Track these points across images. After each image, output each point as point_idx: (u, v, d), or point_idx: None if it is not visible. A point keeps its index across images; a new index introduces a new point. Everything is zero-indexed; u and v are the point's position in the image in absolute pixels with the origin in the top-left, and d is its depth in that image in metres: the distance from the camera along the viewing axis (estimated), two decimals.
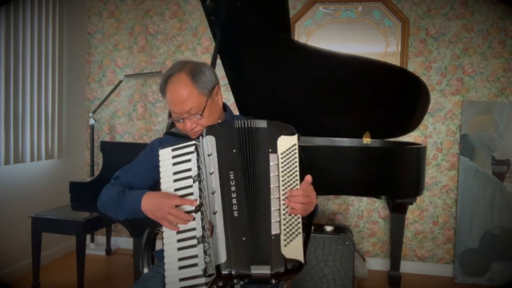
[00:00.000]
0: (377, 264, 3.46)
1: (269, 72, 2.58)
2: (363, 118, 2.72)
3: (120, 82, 3.60)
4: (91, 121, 3.55)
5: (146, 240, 1.48)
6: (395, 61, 3.36)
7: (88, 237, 3.60)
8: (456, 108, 3.34)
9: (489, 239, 3.24)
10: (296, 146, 1.32)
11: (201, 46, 3.67)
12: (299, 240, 1.25)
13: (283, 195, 1.27)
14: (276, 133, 1.31)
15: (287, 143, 1.31)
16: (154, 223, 1.48)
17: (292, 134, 1.33)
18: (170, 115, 1.50)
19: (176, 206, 1.31)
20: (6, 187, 2.98)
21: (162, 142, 1.54)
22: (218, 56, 2.45)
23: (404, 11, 3.35)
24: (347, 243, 2.60)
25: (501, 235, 3.23)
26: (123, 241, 3.79)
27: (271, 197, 1.26)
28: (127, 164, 1.59)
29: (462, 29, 3.30)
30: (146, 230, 1.51)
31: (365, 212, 3.50)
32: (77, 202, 2.40)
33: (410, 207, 3.18)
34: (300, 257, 1.23)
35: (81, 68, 3.82)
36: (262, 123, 1.33)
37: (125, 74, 3.71)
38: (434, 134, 3.38)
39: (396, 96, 2.58)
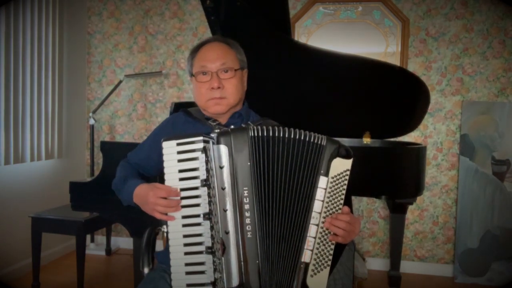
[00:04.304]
0: (377, 264, 3.46)
1: (268, 72, 2.57)
2: (363, 118, 2.72)
3: (120, 82, 3.60)
4: (91, 121, 3.55)
5: (146, 240, 1.47)
6: (395, 61, 3.36)
7: (88, 237, 3.60)
8: (456, 108, 3.34)
9: (489, 239, 3.24)
10: (349, 172, 1.20)
11: None
12: (326, 272, 1.20)
13: (323, 222, 1.19)
14: (333, 153, 1.19)
15: (341, 166, 1.19)
16: (154, 223, 1.48)
17: (348, 157, 1.20)
18: (191, 76, 1.44)
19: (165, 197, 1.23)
20: (6, 187, 2.98)
21: (175, 124, 1.50)
22: None
23: (404, 11, 3.35)
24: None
25: (501, 235, 3.23)
26: (123, 241, 3.79)
27: (310, 223, 1.18)
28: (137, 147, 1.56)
29: (462, 29, 3.30)
30: (146, 230, 1.51)
31: (365, 212, 3.50)
32: (77, 202, 2.40)
33: (410, 207, 3.18)
34: None
35: (81, 68, 3.82)
36: (321, 139, 1.20)
37: (125, 74, 3.71)
38: (434, 134, 3.38)
39: (396, 96, 2.58)
